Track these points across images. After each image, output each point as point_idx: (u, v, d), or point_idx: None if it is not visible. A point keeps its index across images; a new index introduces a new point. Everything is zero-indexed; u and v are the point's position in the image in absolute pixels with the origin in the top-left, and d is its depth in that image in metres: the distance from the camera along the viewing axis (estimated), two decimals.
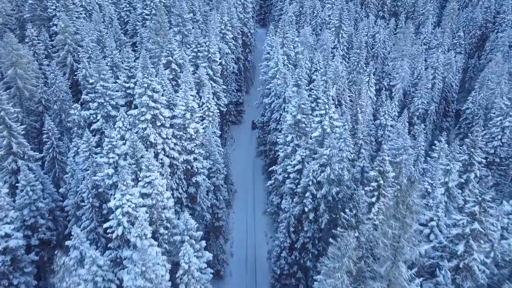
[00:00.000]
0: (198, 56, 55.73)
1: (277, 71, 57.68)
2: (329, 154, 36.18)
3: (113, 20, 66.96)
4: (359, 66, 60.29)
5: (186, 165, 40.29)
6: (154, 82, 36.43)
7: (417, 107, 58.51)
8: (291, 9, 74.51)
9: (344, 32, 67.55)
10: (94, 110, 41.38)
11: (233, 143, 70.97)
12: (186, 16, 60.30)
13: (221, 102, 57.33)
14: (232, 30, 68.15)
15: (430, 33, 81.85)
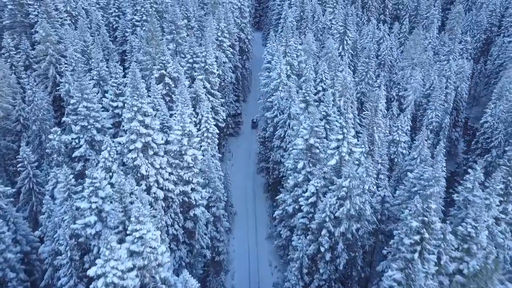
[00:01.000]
0: (194, 68, 50.05)
1: (280, 82, 52.20)
2: (349, 186, 30.86)
3: (101, 27, 60.84)
4: (367, 77, 55.04)
5: (183, 197, 34.66)
6: (145, 105, 30.73)
7: (430, 120, 53.41)
8: (291, 13, 68.99)
9: (349, 39, 62.26)
10: (76, 134, 35.53)
11: (231, 157, 65.45)
12: (180, 23, 54.57)
13: (219, 117, 51.74)
14: (229, 37, 62.50)
15: (436, 37, 76.89)
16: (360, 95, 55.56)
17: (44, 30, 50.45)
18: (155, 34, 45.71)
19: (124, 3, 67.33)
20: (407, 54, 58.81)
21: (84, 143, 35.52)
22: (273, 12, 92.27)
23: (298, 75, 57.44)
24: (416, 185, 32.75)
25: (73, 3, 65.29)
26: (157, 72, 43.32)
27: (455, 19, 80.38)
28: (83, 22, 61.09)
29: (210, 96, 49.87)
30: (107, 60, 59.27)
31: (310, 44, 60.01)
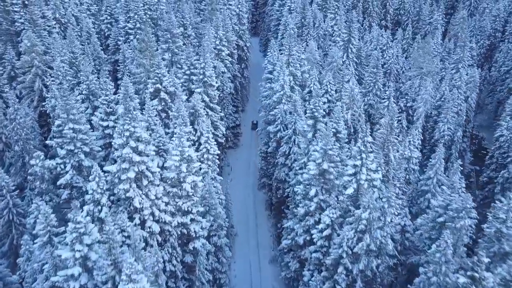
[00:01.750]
0: (192, 80, 46.09)
1: (283, 94, 48.39)
2: (369, 218, 27.09)
3: (92, 35, 56.72)
4: (376, 88, 51.42)
5: (181, 229, 30.68)
6: (138, 129, 26.72)
7: (442, 134, 49.89)
8: (292, 20, 65.16)
9: (353, 47, 58.63)
10: (62, 159, 31.42)
11: (230, 171, 61.48)
12: (176, 31, 50.55)
13: (219, 132, 47.80)
14: (228, 45, 58.60)
15: (440, 44, 73.51)
16: (367, 107, 51.90)
17: (29, 39, 46.23)
18: (149, 44, 41.72)
19: (117, 9, 63.23)
20: (415, 63, 55.25)
21: (70, 168, 31.42)
22: (271, 18, 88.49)
23: (301, 86, 53.69)
24: (442, 215, 29.03)
25: (62, 10, 61.11)
26: (152, 86, 39.31)
27: (459, 25, 77.13)
28: (73, 30, 57.08)
29: (209, 110, 45.94)
30: (98, 70, 55.25)
31: (314, 52, 56.27)
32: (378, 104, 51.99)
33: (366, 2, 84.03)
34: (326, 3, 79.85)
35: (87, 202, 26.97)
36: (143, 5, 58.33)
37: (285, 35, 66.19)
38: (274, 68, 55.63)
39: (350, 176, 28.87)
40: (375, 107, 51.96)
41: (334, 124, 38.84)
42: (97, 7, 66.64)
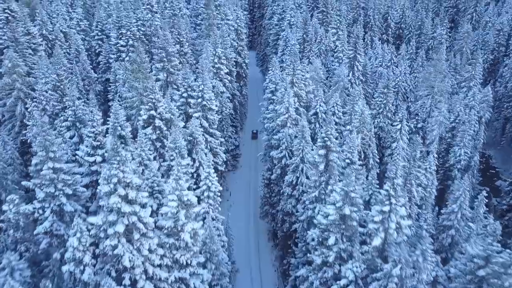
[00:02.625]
0: (189, 103, 41.64)
1: (288, 117, 44.07)
2: (400, 275, 22.65)
3: (81, 53, 52.22)
4: (386, 109, 47.31)
5: (179, 285, 25.94)
6: (128, 174, 22.10)
7: (458, 159, 45.83)
8: (294, 36, 61.15)
9: (359, 64, 54.66)
10: (40, 202, 26.65)
11: (230, 197, 56.83)
12: (171, 50, 46.25)
13: (218, 159, 43.31)
14: (226, 63, 54.34)
15: (445, 60, 69.87)
16: (377, 130, 47.74)
17: (10, 60, 41.53)
18: (142, 65, 37.25)
19: (108, 25, 58.81)
20: (425, 81, 51.33)
21: (50, 214, 26.63)
22: (269, 32, 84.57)
23: (306, 106, 49.48)
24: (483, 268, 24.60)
25: (50, 25, 56.54)
26: (145, 113, 34.74)
27: (463, 39, 73.88)
28: (61, 47, 52.59)
29: (209, 136, 41.45)
30: (87, 91, 50.69)
31: (318, 71, 52.17)
32: (389, 126, 47.87)
33: (367, 16, 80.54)
34: (327, 18, 76.20)
35: (67, 260, 22.27)
36: (136, 20, 54.01)
37: (286, 51, 62.33)
38: (276, 88, 51.37)
39: (376, 224, 24.44)
40: (386, 129, 47.83)
41: (348, 154, 34.56)
42: (88, 22, 62.21)
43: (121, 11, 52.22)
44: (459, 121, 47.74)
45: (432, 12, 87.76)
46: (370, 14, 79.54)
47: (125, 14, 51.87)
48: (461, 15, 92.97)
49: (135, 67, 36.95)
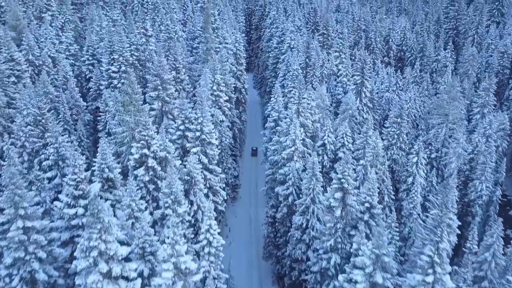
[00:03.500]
0: (186, 137, 37.16)
1: (295, 150, 39.69)
2: None
3: (69, 80, 47.81)
4: (400, 140, 43.16)
5: None
6: (112, 243, 17.38)
7: (479, 194, 41.58)
8: (296, 60, 57.37)
9: (367, 90, 50.75)
10: (7, 269, 21.69)
11: (229, 233, 51.85)
12: (167, 77, 42.01)
13: (218, 197, 38.59)
14: (226, 89, 50.17)
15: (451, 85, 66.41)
16: (390, 162, 43.46)
17: None
18: (134, 97, 32.82)
19: (100, 49, 54.62)
20: (439, 109, 47.42)
21: (18, 283, 21.65)
22: (268, 55, 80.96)
23: (312, 136, 45.20)
24: None
25: (37, 50, 52.17)
26: (137, 151, 30.12)
27: (468, 62, 70.62)
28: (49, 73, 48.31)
29: (208, 173, 36.83)
30: (75, 121, 46.10)
31: (324, 98, 48.17)
32: (403, 158, 43.65)
33: (369, 39, 77.43)
34: (327, 40, 72.90)
35: None
36: (129, 45, 49.86)
37: (287, 76, 58.51)
38: (279, 117, 47.27)
39: None
40: (400, 162, 43.58)
41: (368, 197, 30.08)
42: (79, 46, 58.02)
43: (113, 35, 48.09)
44: (477, 152, 43.67)
45: (433, 34, 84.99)
46: (371, 36, 76.45)
47: (117, 39, 47.72)
48: (461, 37, 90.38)
49: (126, 99, 32.51)
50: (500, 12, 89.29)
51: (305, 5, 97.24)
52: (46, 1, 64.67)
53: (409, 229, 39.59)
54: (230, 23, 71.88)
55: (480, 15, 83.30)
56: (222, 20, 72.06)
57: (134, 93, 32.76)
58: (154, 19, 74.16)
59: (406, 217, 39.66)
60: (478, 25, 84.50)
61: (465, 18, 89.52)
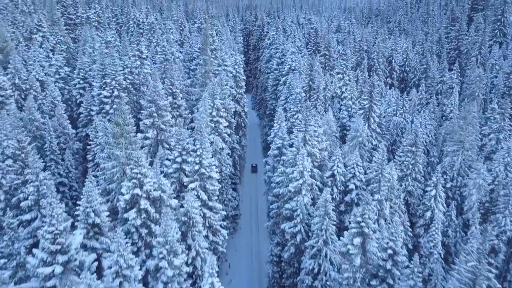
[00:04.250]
0: (183, 169, 33.38)
1: (303, 183, 35.94)
2: None
3: (57, 106, 44.18)
4: (415, 171, 39.60)
5: None
6: None
7: (502, 229, 37.82)
8: (298, 82, 54.23)
9: (375, 115, 47.44)
10: None
11: (229, 269, 47.58)
12: (162, 103, 38.46)
13: (219, 237, 34.60)
14: (226, 114, 46.71)
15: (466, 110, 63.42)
16: (405, 194, 39.79)
17: None
18: (126, 129, 29.11)
19: (92, 72, 51.21)
20: (453, 135, 44.10)
21: None
22: (267, 76, 78.16)
23: (320, 166, 41.57)
24: None
25: (25, 73, 48.63)
26: (128, 191, 26.24)
27: (475, 84, 67.83)
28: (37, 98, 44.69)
29: (208, 210, 32.91)
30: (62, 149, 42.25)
31: (331, 124, 44.82)
32: (419, 190, 40.02)
33: (371, 60, 74.81)
34: (329, 61, 70.09)
35: None
36: (122, 68, 46.46)
37: (289, 99, 55.26)
38: (283, 144, 43.75)
39: None
40: (415, 194, 39.93)
41: (391, 243, 26.24)
42: (70, 68, 54.58)
43: (106, 58, 44.71)
44: (498, 182, 40.14)
45: (435, 54, 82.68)
46: (374, 57, 73.81)
47: (110, 61, 44.32)
48: (463, 57, 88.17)
49: (117, 131, 28.79)
50: (502, 32, 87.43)
51: (305, 25, 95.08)
52: (37, 22, 61.48)
53: (429, 270, 35.74)
54: (229, 44, 69.06)
55: (482, 35, 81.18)
56: (221, 41, 69.29)
57: (125, 124, 29.08)
58: (150, 39, 71.29)
59: (426, 256, 35.86)
60: (481, 45, 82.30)
61: (467, 38, 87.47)
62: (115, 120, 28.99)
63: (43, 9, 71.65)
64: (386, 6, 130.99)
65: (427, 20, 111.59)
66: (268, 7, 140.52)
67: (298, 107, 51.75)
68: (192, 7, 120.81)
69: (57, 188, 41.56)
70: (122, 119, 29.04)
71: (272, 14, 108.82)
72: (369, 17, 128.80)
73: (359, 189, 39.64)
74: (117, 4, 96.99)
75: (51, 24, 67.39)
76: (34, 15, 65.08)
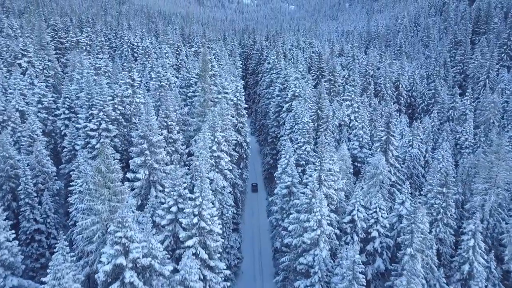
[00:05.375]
0: (180, 222, 27.46)
1: (321, 234, 30.10)
2: None
3: (35, 140, 38.37)
4: (447, 215, 33.95)
5: None
6: None
7: None
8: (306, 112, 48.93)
9: (394, 149, 42.04)
10: None
11: None
12: (156, 139, 32.84)
13: None
14: (227, 148, 41.14)
15: (473, 134, 58.68)
16: (436, 242, 33.97)
17: None
18: (110, 177, 23.33)
19: (79, 101, 45.72)
20: (482, 170, 38.74)
21: None
22: (268, 102, 73.15)
23: (336, 209, 35.79)
24: None
25: (3, 103, 42.99)
26: (110, 260, 20.24)
27: (489, 110, 63.20)
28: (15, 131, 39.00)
29: (208, 271, 26.83)
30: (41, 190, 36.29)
31: (347, 159, 39.38)
32: (451, 237, 34.29)
33: (378, 85, 70.23)
34: (334, 87, 65.44)
35: None
36: (112, 97, 40.96)
37: (295, 128, 49.79)
38: (293, 182, 38.05)
39: None
40: (447, 242, 34.16)
41: None
42: (53, 98, 49.03)
43: (92, 86, 39.28)
44: None
45: (442, 79, 78.52)
46: (381, 82, 69.25)
47: (97, 90, 38.86)
48: (469, 81, 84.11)
49: (99, 179, 22.99)
50: (509, 56, 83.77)
51: (306, 49, 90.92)
52: (22, 46, 56.24)
53: None
54: (228, 69, 64.20)
55: (490, 59, 77.23)
56: (220, 66, 64.49)
57: (109, 171, 23.33)
58: (144, 64, 66.31)
59: None
60: (489, 69, 78.25)
61: (473, 62, 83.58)
62: (97, 167, 23.21)
63: (31, 33, 66.65)
64: (384, 30, 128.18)
65: (428, 44, 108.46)
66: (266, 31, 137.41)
67: (306, 138, 46.45)
68: (188, 30, 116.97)
69: (33, 237, 35.53)
70: (106, 165, 23.30)
71: (270, 38, 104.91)
72: (368, 41, 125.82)
73: (382, 237, 33.93)
74: (113, 27, 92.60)
75: (39, 48, 62.22)
76: (20, 39, 59.91)
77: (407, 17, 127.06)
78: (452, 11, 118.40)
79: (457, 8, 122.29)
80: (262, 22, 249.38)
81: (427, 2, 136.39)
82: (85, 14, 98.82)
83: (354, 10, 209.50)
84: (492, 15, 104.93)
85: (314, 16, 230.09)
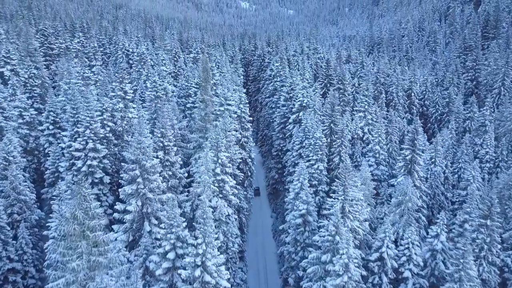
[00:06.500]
0: (180, 274, 22.00)
1: (349, 281, 24.71)
2: None
3: (11, 163, 32.88)
4: (491, 252, 28.69)
5: None
6: None
7: None
8: (315, 124, 43.80)
9: (420, 169, 36.75)
10: None
11: None
12: (149, 164, 27.49)
13: None
14: (232, 170, 35.77)
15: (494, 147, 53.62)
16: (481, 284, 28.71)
17: None
18: (88, 225, 17.93)
19: (65, 114, 40.30)
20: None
21: None
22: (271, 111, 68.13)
23: (359, 244, 30.44)
24: None
25: None
26: None
27: (510, 121, 58.23)
28: None
29: None
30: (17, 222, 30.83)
31: (369, 183, 34.05)
32: (495, 277, 29.01)
33: (390, 94, 65.18)
34: (344, 96, 60.33)
35: None
36: (101, 113, 35.53)
37: (306, 143, 44.53)
38: (308, 210, 32.73)
39: None
40: (491, 284, 28.88)
41: None
42: (38, 111, 43.57)
43: (78, 100, 33.88)
44: None
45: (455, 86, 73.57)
46: (393, 90, 64.22)
47: (84, 105, 33.44)
48: (482, 88, 79.27)
49: (74, 229, 17.60)
50: None
51: (310, 55, 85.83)
52: (4, 53, 50.77)
53: None
54: (230, 78, 58.95)
55: (506, 65, 72.38)
56: (221, 73, 59.27)
57: (88, 217, 17.92)
58: (139, 71, 60.99)
59: None
60: (504, 76, 73.38)
61: (486, 68, 78.73)
62: (71, 212, 17.80)
63: (17, 39, 61.25)
64: (388, 34, 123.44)
65: (435, 49, 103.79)
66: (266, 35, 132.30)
67: (319, 155, 41.16)
68: (186, 35, 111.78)
69: (6, 277, 30.02)
70: (83, 209, 17.89)
71: (272, 43, 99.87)
72: (371, 46, 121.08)
73: (415, 277, 28.66)
74: (108, 33, 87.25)
75: (26, 55, 56.76)
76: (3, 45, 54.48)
77: (411, 21, 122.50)
78: (457, 16, 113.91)
79: (462, 13, 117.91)
80: (261, 26, 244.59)
81: (431, 6, 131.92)
82: (80, 19, 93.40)
83: (354, 14, 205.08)
84: (501, 19, 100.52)
85: (314, 21, 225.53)
